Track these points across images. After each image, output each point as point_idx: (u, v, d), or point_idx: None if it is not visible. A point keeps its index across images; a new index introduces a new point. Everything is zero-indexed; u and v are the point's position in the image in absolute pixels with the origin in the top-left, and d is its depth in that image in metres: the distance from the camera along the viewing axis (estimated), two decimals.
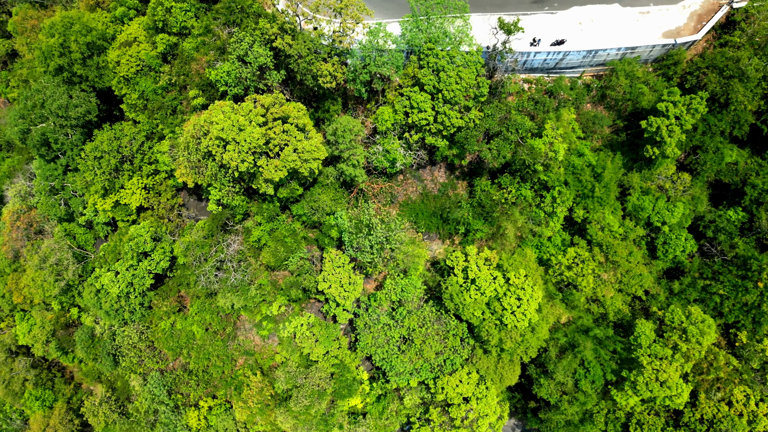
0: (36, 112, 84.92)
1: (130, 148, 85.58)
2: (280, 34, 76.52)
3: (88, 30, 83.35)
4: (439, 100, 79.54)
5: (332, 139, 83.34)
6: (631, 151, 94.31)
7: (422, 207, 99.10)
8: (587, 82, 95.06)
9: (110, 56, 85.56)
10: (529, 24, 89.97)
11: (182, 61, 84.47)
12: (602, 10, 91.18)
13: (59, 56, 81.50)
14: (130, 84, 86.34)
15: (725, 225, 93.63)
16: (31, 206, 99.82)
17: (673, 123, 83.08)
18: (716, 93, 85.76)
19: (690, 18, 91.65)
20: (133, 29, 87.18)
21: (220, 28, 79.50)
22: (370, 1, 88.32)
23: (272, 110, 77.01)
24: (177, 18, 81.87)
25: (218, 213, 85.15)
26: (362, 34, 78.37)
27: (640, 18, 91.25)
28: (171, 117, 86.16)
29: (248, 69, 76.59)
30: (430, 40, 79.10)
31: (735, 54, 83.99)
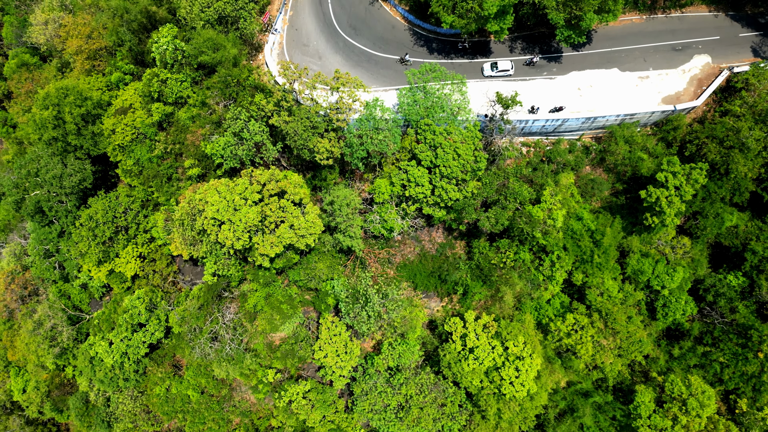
0: (30, 180, 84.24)
1: (125, 217, 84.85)
2: (276, 110, 75.94)
3: (82, 100, 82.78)
4: (436, 174, 78.86)
5: (329, 209, 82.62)
6: (630, 214, 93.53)
7: (420, 267, 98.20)
8: (586, 145, 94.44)
9: (105, 124, 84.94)
10: (528, 89, 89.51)
11: (178, 130, 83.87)
12: (601, 75, 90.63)
13: (53, 128, 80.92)
14: (125, 151, 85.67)
15: (725, 290, 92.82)
16: (26, 266, 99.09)
17: (672, 194, 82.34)
18: (716, 162, 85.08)
19: (690, 83, 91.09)
20: (129, 95, 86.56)
21: (215, 101, 78.84)
22: (368, 69, 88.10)
23: (268, 186, 76.32)
24: (173, 89, 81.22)
25: (213, 283, 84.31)
26: (360, 106, 77.61)
27: (639, 83, 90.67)
28: (167, 185, 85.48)
29: (244, 146, 75.91)
30: (428, 114, 78.46)
31: (735, 124, 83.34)
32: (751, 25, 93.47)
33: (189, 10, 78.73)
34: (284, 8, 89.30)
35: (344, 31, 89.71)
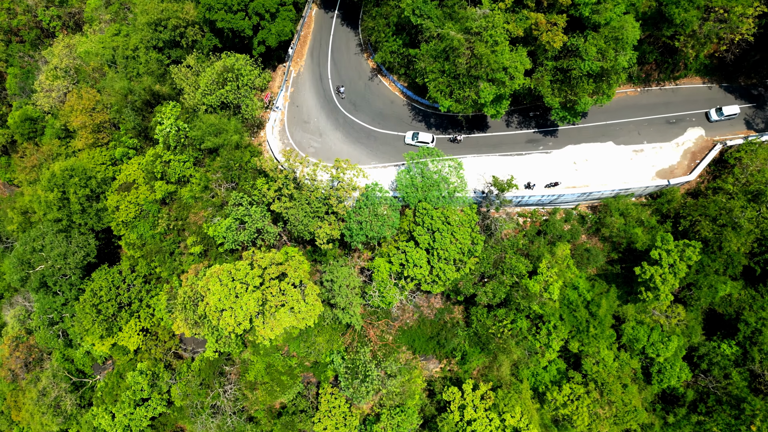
0: (35, 256, 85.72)
1: (128, 294, 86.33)
2: (278, 196, 77.48)
3: (86, 179, 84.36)
4: (434, 256, 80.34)
5: (328, 285, 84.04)
6: (625, 283, 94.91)
7: (419, 332, 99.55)
8: (582, 214, 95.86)
9: (109, 201, 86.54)
10: (524, 164, 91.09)
11: (180, 207, 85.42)
12: (596, 148, 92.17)
13: (58, 210, 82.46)
14: (128, 226, 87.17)
15: (719, 359, 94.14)
16: (30, 329, 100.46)
17: (666, 272, 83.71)
18: (709, 239, 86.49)
19: (683, 156, 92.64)
20: (132, 170, 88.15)
21: (218, 184, 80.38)
22: (367, 146, 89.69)
23: (269, 270, 77.74)
24: (175, 170, 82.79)
25: (215, 359, 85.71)
26: (359, 193, 79.11)
27: (633, 156, 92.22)
28: (169, 259, 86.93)
29: (246, 231, 77.41)
30: (425, 197, 79.96)
31: (728, 203, 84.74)
32: (744, 97, 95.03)
33: (192, 96, 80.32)
34: (285, 85, 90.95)
35: (344, 107, 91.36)
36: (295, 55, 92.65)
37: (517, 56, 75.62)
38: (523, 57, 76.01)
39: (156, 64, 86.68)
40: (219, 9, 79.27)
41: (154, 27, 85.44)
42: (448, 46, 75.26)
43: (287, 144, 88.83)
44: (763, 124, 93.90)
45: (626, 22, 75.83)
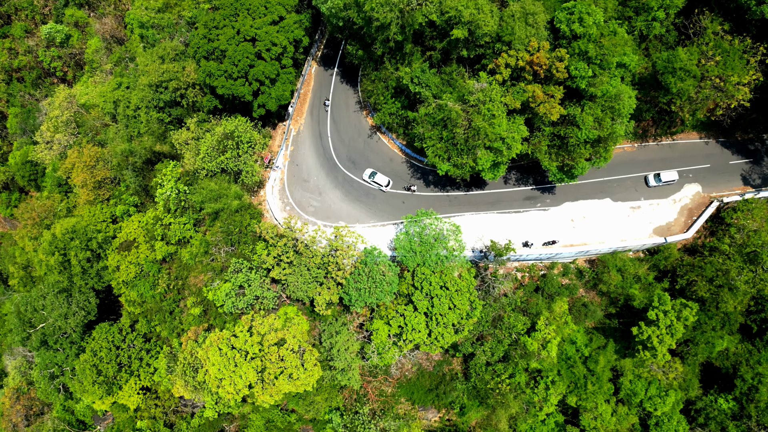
0: (36, 315, 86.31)
1: (128, 354, 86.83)
2: (277, 261, 78.06)
3: (87, 241, 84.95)
4: (432, 320, 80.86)
5: (327, 346, 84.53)
6: (623, 338, 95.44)
7: (418, 384, 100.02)
8: (580, 269, 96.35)
9: (110, 261, 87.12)
10: (522, 221, 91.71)
11: (181, 267, 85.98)
12: (594, 205, 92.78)
13: (59, 273, 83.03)
14: (128, 285, 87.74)
15: (716, 414, 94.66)
16: (31, 381, 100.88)
17: (663, 333, 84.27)
18: (706, 299, 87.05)
19: (680, 213, 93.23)
20: (132, 228, 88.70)
21: (217, 248, 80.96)
22: (367, 204, 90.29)
23: (268, 337, 78.25)
24: (175, 232, 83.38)
25: (215, 418, 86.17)
26: (357, 260, 79.68)
27: (631, 213, 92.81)
28: (169, 318, 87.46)
29: (245, 297, 78.00)
30: (424, 262, 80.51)
31: (724, 265, 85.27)
32: (741, 152, 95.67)
33: (192, 162, 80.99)
34: (285, 143, 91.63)
35: (343, 165, 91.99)
36: (295, 113, 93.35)
37: (514, 126, 76.32)
38: (520, 127, 76.70)
39: (157, 123, 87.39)
40: (219, 76, 79.96)
41: (155, 88, 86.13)
42: (446, 117, 75.93)
43: (287, 203, 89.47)
44: (760, 180, 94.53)
45: (623, 92, 76.52)
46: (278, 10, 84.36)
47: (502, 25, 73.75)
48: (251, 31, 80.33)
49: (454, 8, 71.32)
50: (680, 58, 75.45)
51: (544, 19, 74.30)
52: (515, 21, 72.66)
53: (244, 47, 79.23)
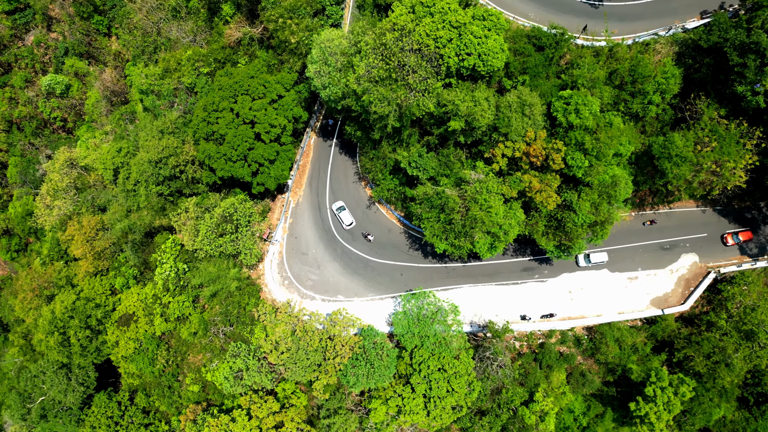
0: (36, 391, 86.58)
1: (126, 430, 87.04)
2: (275, 347, 78.33)
3: (86, 318, 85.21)
4: (431, 401, 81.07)
5: (325, 428, 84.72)
6: (621, 406, 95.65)
7: None
8: (578, 336, 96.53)
9: (109, 336, 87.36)
10: (520, 293, 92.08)
11: (179, 342, 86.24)
12: (591, 276, 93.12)
13: (58, 353, 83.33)
14: (127, 360, 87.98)
15: None
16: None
17: (661, 409, 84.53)
18: (703, 374, 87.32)
19: (678, 283, 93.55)
20: (132, 301, 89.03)
21: (216, 332, 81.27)
22: (365, 277, 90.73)
23: (266, 421, 78.59)
24: (174, 310, 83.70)
25: None
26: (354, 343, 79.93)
27: (628, 284, 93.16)
28: (168, 392, 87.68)
29: (243, 381, 78.24)
30: (422, 343, 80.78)
31: (721, 342, 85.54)
32: (738, 221, 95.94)
33: (191, 243, 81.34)
34: (284, 216, 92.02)
35: (342, 236, 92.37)
36: (294, 184, 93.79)
37: (511, 213, 76.75)
38: (518, 213, 77.13)
39: (156, 198, 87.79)
40: (218, 158, 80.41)
41: (154, 164, 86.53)
42: (443, 203, 76.31)
43: (285, 277, 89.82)
44: (757, 249, 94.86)
45: (620, 179, 76.96)
46: (277, 89, 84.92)
47: (499, 115, 74.24)
48: (250, 114, 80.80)
49: (451, 102, 71.83)
50: (676, 145, 75.87)
51: (541, 109, 74.79)
52: (512, 112, 73.11)
53: (243, 131, 79.72)
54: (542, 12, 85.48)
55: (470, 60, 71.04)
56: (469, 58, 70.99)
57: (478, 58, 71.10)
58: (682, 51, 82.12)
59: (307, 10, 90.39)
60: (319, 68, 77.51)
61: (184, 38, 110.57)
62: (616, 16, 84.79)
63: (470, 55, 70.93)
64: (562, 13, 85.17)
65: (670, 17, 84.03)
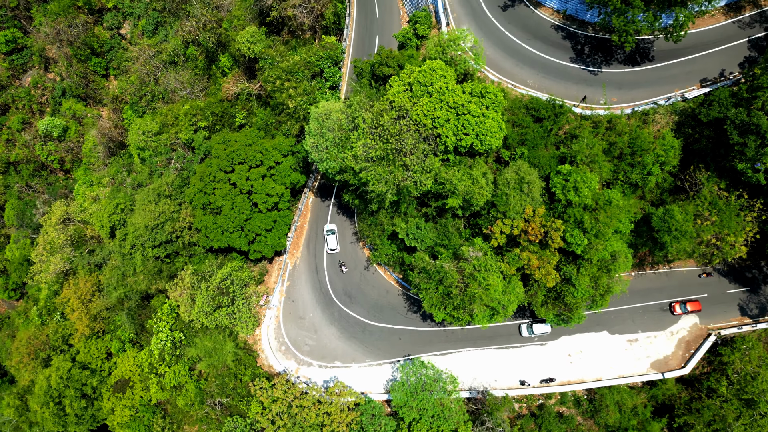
0: None
1: None
2: (272, 422, 77.65)
3: (82, 385, 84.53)
4: None
5: None
6: None
7: None
8: (578, 397, 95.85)
9: (105, 403, 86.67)
10: (519, 357, 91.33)
11: (176, 410, 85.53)
12: (591, 339, 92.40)
13: (54, 424, 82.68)
14: (123, 426, 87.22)
15: None
16: None
17: None
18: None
19: (678, 345, 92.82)
20: (128, 366, 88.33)
21: (212, 405, 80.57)
22: (363, 341, 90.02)
23: None
24: (170, 380, 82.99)
25: None
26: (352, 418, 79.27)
27: (628, 347, 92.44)
28: None
29: None
30: (421, 417, 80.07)
31: (722, 411, 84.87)
32: (738, 280, 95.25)
33: (188, 313, 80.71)
34: (281, 279, 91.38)
35: (339, 299, 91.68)
36: (292, 246, 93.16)
37: (510, 288, 76.10)
38: (517, 289, 76.49)
39: (152, 262, 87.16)
40: (215, 229, 79.81)
41: (150, 229, 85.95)
42: (442, 277, 75.70)
43: (282, 342, 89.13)
44: (758, 310, 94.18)
45: (619, 254, 76.39)
46: (274, 155, 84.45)
47: (497, 192, 73.70)
48: (247, 184, 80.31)
49: (449, 181, 71.27)
50: (676, 219, 75.23)
51: (539, 185, 74.23)
52: (510, 189, 72.56)
53: (240, 203, 79.20)
54: (541, 79, 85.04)
55: (468, 140, 70.50)
56: (467, 138, 70.45)
57: (476, 137, 70.56)
58: (682, 120, 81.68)
59: (304, 74, 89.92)
60: (316, 142, 76.98)
61: (182, 90, 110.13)
62: (615, 83, 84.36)
63: (468, 135, 70.39)
64: (561, 80, 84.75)
65: (670, 85, 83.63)
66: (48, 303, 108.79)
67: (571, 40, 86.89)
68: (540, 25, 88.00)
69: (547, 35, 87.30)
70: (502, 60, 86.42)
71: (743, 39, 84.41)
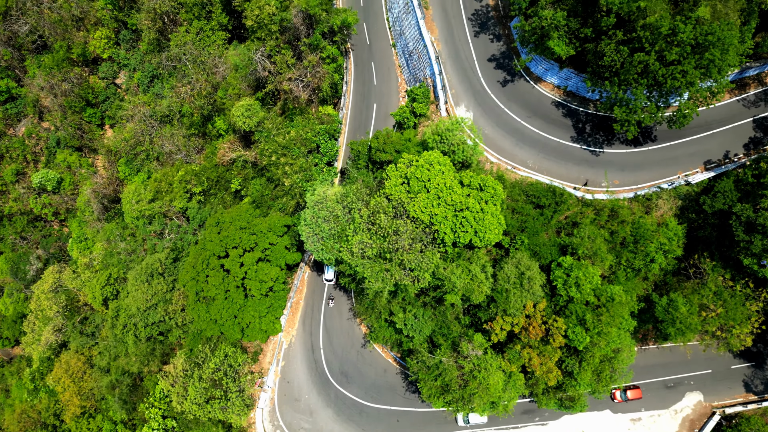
0: None
1: None
2: None
3: None
4: None
5: None
6: None
7: None
8: None
9: None
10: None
11: None
12: (593, 418, 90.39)
13: None
14: None
15: None
16: None
17: None
18: None
19: (682, 425, 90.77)
20: None
21: None
22: (359, 424, 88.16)
23: None
24: None
25: None
26: None
27: (631, 426, 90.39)
28: None
29: None
30: None
31: None
32: (742, 355, 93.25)
33: (180, 404, 78.73)
34: (276, 359, 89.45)
35: (336, 379, 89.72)
36: (287, 323, 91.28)
37: (511, 384, 74.20)
38: (518, 384, 74.59)
39: (145, 343, 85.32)
40: (207, 320, 77.99)
41: (142, 311, 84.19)
42: (441, 372, 73.84)
43: (277, 426, 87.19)
44: (762, 386, 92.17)
45: (623, 348, 74.54)
46: (269, 237, 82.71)
47: (497, 287, 71.90)
48: (240, 271, 78.58)
49: (447, 278, 69.50)
50: (681, 312, 73.42)
51: (540, 279, 72.43)
52: (510, 285, 70.75)
53: (233, 293, 77.45)
54: (541, 159, 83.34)
55: (466, 237, 68.72)
56: (465, 235, 68.67)
57: (474, 234, 68.77)
58: (686, 205, 79.93)
59: (301, 150, 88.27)
60: (311, 231, 75.24)
61: (177, 153, 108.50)
62: (617, 164, 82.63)
63: (466, 232, 68.60)
64: (562, 161, 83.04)
65: (673, 167, 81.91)
66: (41, 366, 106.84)
67: (572, 118, 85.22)
68: (540, 102, 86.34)
69: (548, 112, 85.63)
70: (502, 139, 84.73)
71: (748, 118, 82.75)
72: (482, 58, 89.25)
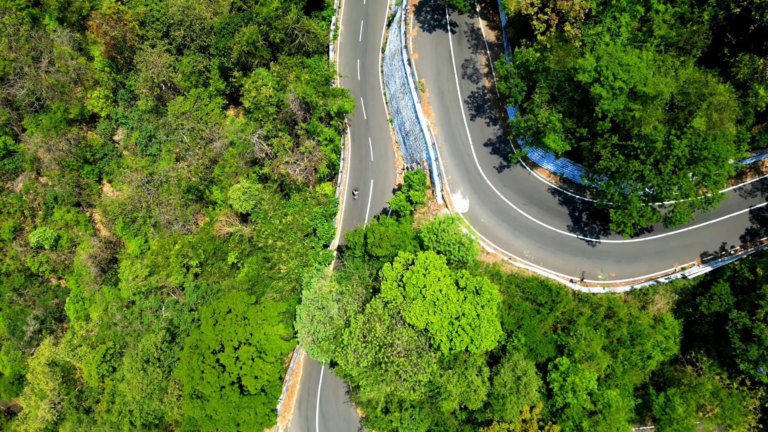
0: None
1: None
2: None
3: None
4: None
5: None
6: None
7: None
8: None
9: None
10: None
11: None
12: None
13: None
14: None
15: None
16: None
17: None
18: None
19: None
20: None
21: None
22: None
23: None
24: None
25: None
26: None
27: None
28: None
29: None
30: None
31: None
32: None
33: None
34: None
35: None
36: (283, 408, 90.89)
37: None
38: None
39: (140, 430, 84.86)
40: (203, 419, 77.69)
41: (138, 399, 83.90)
42: None
43: None
44: None
45: None
46: (264, 328, 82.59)
47: (493, 392, 71.66)
48: (236, 368, 78.32)
49: (444, 386, 69.31)
50: (678, 414, 73.13)
51: (537, 383, 72.17)
52: (506, 390, 70.50)
53: (228, 392, 77.15)
54: (537, 249, 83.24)
55: (462, 344, 68.58)
56: (462, 343, 68.53)
57: (470, 342, 68.63)
58: (683, 299, 79.76)
59: (297, 235, 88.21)
60: (307, 331, 75.12)
61: (174, 224, 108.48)
62: (614, 256, 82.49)
63: (462, 340, 68.46)
64: (558, 251, 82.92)
65: (670, 259, 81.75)
66: None
67: (568, 206, 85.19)
68: (536, 189, 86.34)
69: (544, 200, 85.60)
70: (498, 228, 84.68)
71: (745, 209, 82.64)
72: (478, 143, 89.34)
